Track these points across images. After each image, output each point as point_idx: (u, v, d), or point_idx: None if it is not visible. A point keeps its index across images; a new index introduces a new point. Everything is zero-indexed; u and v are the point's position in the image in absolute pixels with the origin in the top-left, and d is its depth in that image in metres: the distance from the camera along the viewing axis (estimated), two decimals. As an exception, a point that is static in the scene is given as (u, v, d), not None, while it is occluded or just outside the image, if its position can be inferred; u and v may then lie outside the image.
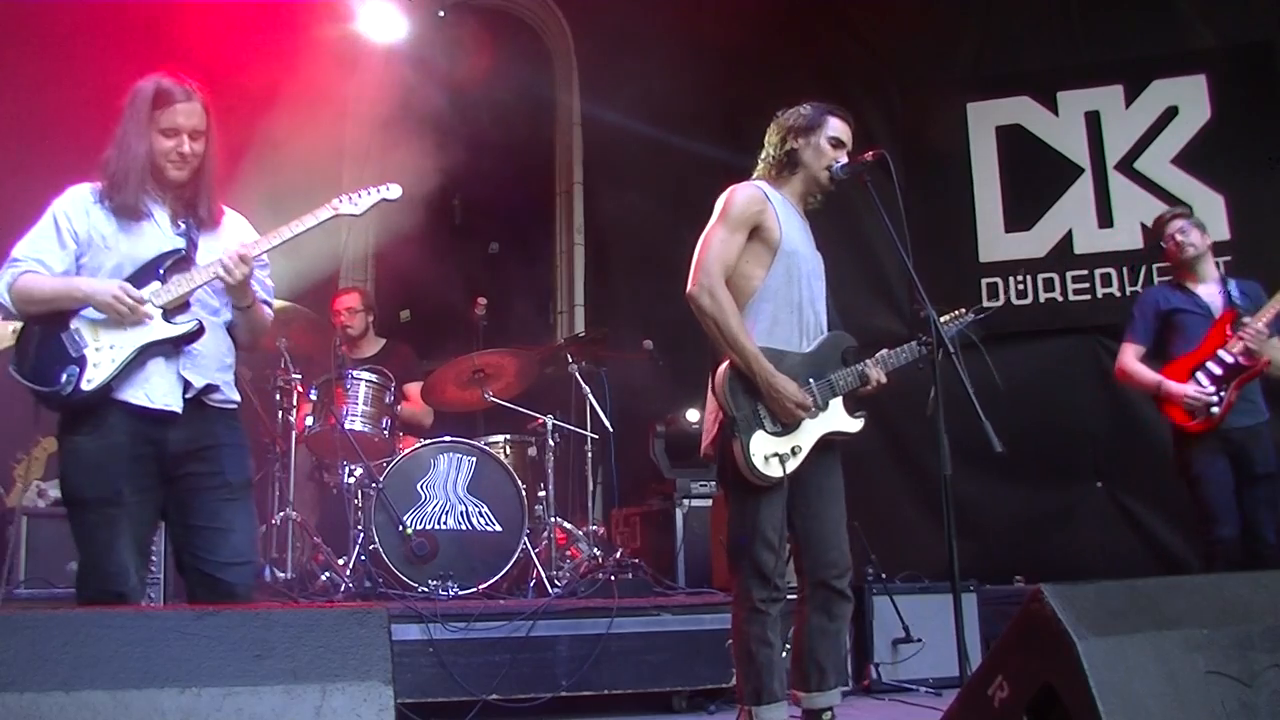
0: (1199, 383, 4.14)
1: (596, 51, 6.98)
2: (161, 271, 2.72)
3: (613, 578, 4.40)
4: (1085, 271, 5.87)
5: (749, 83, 6.33)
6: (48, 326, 2.68)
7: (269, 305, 2.96)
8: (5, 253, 2.76)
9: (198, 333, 2.72)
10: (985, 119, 6.16)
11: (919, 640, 4.60)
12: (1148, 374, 4.29)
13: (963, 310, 3.30)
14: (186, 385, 2.70)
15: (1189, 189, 5.71)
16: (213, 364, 2.78)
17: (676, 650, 4.06)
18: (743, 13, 6.17)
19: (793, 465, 2.98)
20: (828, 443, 3.09)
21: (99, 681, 1.60)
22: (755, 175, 3.24)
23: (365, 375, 4.82)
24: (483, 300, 5.38)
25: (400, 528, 4.37)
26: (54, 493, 4.76)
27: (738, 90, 6.40)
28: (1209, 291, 4.31)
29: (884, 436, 5.62)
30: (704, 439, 3.13)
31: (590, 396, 5.09)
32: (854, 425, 3.10)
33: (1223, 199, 5.67)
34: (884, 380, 3.10)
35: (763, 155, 3.24)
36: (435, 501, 4.52)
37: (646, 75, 6.26)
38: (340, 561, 4.45)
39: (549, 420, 4.94)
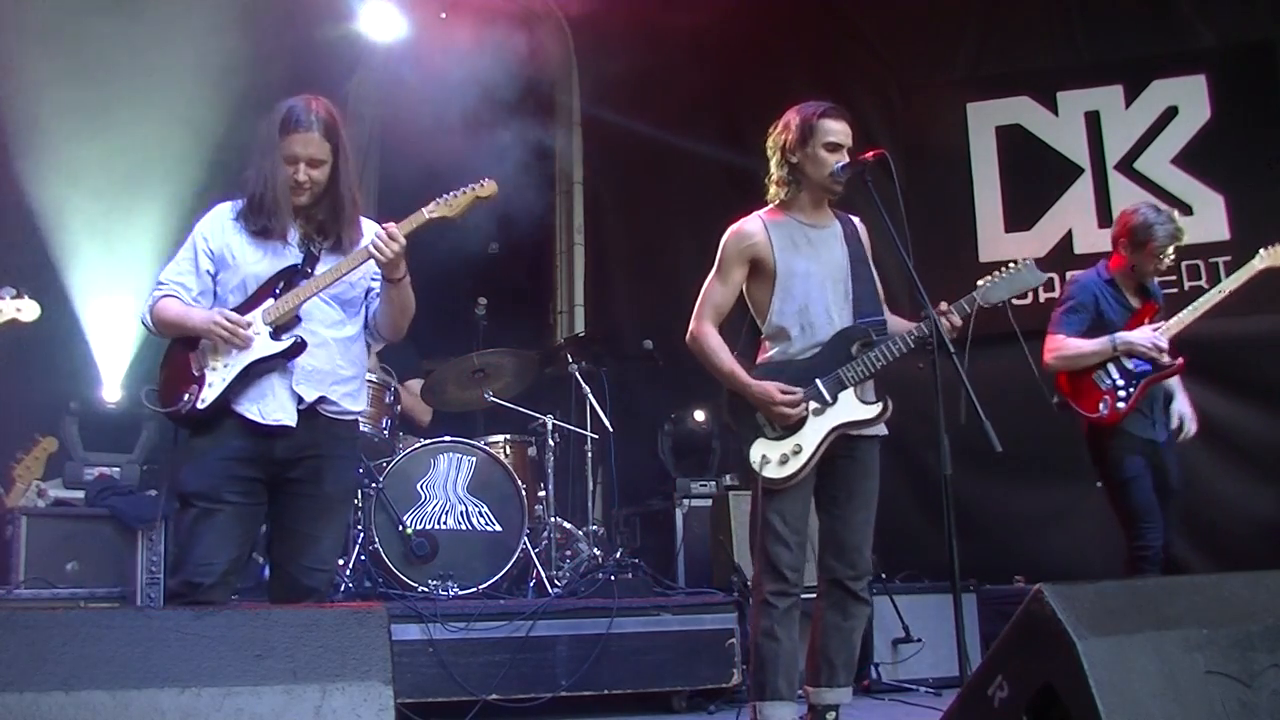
0: (1110, 374, 4.05)
1: (596, 51, 6.98)
2: (277, 290, 2.82)
3: (613, 578, 4.40)
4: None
5: (749, 83, 6.33)
6: (181, 349, 2.85)
7: None
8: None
9: (299, 347, 2.79)
10: (985, 119, 6.15)
11: (919, 640, 4.60)
12: (1091, 341, 4.07)
13: (1017, 260, 3.22)
14: (299, 399, 2.80)
15: (1189, 189, 5.71)
16: (328, 378, 2.85)
17: (676, 650, 4.06)
18: (743, 13, 6.17)
19: (797, 463, 3.08)
20: (863, 441, 3.18)
21: (99, 681, 1.60)
22: (768, 198, 3.31)
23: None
24: (483, 300, 5.37)
25: (400, 528, 4.36)
26: (54, 493, 4.76)
27: (738, 90, 6.40)
28: (1137, 301, 4.22)
29: (884, 436, 5.63)
30: None
31: (590, 396, 5.09)
32: (868, 412, 3.14)
33: (1223, 199, 5.66)
34: (957, 322, 3.07)
35: (767, 177, 3.30)
36: (435, 501, 4.51)
37: (646, 75, 6.26)
38: (340, 561, 4.44)
39: (549, 420, 4.94)
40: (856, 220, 3.36)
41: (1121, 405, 4.03)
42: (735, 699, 4.14)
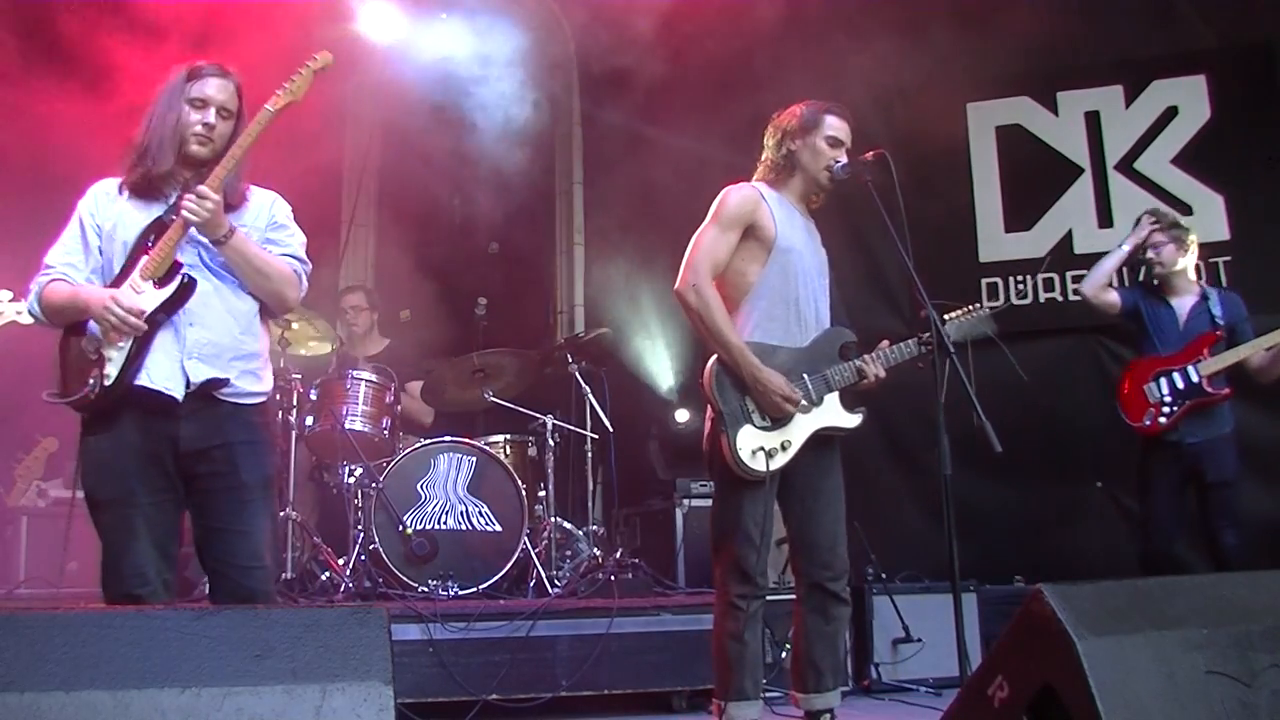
0: (1160, 388, 4.26)
1: (596, 51, 6.98)
2: (149, 244, 2.64)
3: (613, 578, 4.40)
4: (1085, 271, 5.84)
5: (749, 83, 6.33)
6: (73, 338, 2.66)
7: (301, 261, 2.84)
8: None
9: (188, 286, 2.60)
10: (985, 119, 6.15)
11: (919, 640, 4.60)
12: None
13: (974, 306, 3.27)
14: (187, 377, 2.60)
15: (1189, 189, 5.71)
16: (225, 352, 2.66)
17: (676, 650, 4.07)
18: (743, 13, 6.16)
19: (782, 460, 2.99)
20: (827, 441, 3.10)
21: (99, 681, 1.60)
22: (755, 178, 3.24)
23: (366, 375, 4.82)
24: (483, 300, 5.38)
25: (400, 528, 4.37)
26: (54, 493, 4.77)
27: (738, 90, 6.40)
28: (1183, 304, 4.37)
29: (884, 437, 5.62)
30: (705, 436, 3.15)
31: (590, 396, 5.09)
32: (850, 421, 3.09)
33: (1223, 199, 5.66)
34: (882, 375, 3.09)
35: (762, 158, 3.25)
36: (435, 501, 4.51)
37: (646, 75, 6.26)
38: (340, 561, 4.45)
39: (549, 420, 4.94)
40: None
41: (1164, 420, 4.25)
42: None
